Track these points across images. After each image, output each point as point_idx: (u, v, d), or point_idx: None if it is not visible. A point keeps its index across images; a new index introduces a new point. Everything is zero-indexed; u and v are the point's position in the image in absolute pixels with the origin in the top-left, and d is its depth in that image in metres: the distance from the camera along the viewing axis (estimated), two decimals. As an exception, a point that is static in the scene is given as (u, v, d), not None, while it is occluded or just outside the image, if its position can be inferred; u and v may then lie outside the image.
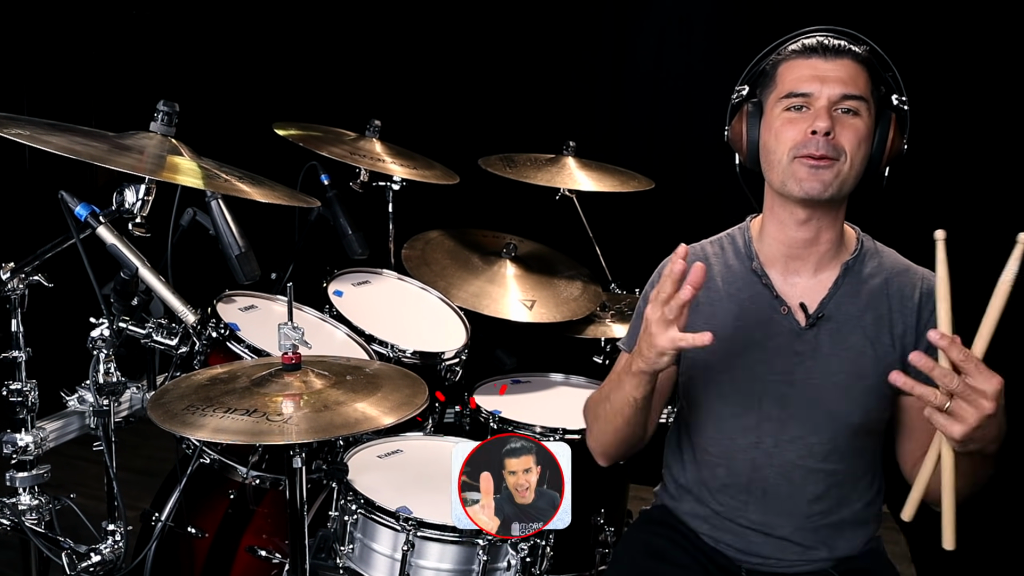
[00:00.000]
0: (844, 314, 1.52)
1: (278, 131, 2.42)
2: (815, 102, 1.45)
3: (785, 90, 1.48)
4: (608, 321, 2.59)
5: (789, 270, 1.55)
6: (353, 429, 1.49)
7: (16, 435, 1.64)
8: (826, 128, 1.42)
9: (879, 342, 1.50)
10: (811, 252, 1.53)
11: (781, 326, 1.53)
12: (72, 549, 1.62)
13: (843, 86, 1.44)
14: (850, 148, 1.44)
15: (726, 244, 1.63)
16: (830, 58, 1.46)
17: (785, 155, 1.46)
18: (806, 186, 1.45)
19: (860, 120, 1.45)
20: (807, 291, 1.54)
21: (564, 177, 2.66)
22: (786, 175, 1.47)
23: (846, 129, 1.44)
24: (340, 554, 1.76)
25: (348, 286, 2.35)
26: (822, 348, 1.51)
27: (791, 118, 1.46)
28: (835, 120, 1.44)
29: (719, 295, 1.58)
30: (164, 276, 1.65)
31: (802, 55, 1.48)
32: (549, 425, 2.15)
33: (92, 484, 1.88)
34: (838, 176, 1.45)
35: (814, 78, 1.45)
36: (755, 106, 1.54)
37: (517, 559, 1.72)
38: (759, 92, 1.55)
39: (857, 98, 1.45)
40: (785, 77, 1.49)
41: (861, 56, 1.47)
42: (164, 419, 1.48)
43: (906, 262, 1.57)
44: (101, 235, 1.59)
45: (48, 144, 1.44)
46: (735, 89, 1.58)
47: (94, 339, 1.66)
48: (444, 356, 2.22)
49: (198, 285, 1.89)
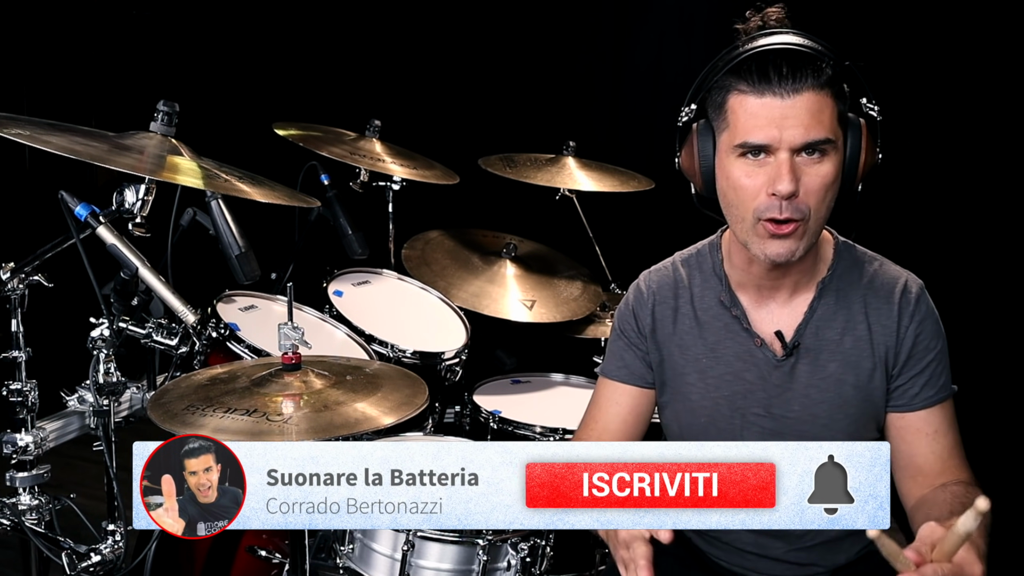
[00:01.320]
0: (822, 340, 1.43)
1: (278, 131, 2.42)
2: (775, 151, 1.28)
3: (738, 138, 1.30)
4: (608, 321, 2.59)
5: (762, 296, 1.46)
6: (353, 429, 1.49)
7: (16, 435, 1.64)
8: (790, 191, 1.27)
9: (860, 368, 1.42)
10: (783, 282, 1.44)
11: (756, 358, 1.45)
12: (72, 549, 1.62)
13: (805, 131, 1.27)
14: (815, 202, 1.30)
15: (702, 264, 1.52)
16: (787, 95, 1.27)
17: (748, 214, 1.32)
18: (770, 253, 1.33)
19: (827, 162, 1.30)
20: (782, 318, 1.45)
21: (564, 177, 2.66)
22: (750, 237, 1.34)
23: (812, 179, 1.29)
24: (340, 554, 1.76)
25: (348, 286, 2.35)
26: (800, 378, 1.44)
27: (749, 170, 1.31)
28: (799, 170, 1.28)
29: (693, 323, 1.50)
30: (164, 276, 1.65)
31: (754, 90, 1.28)
32: (549, 425, 2.15)
33: (92, 484, 1.88)
34: (802, 237, 1.32)
35: (771, 123, 1.27)
36: (706, 129, 1.37)
37: (517, 559, 1.72)
38: (710, 114, 1.37)
39: (824, 142, 1.29)
40: (737, 116, 1.30)
41: (824, 77, 1.28)
42: (164, 419, 1.48)
43: (885, 265, 1.48)
44: (101, 235, 1.59)
45: (48, 144, 1.44)
46: (681, 110, 1.42)
47: (94, 339, 1.66)
48: (444, 356, 2.22)
49: (198, 285, 1.89)
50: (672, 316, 1.51)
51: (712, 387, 1.48)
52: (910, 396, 1.42)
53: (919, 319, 1.42)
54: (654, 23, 3.48)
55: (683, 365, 1.49)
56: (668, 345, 1.51)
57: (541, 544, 1.77)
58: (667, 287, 1.52)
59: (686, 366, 1.49)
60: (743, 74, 1.30)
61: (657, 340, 1.52)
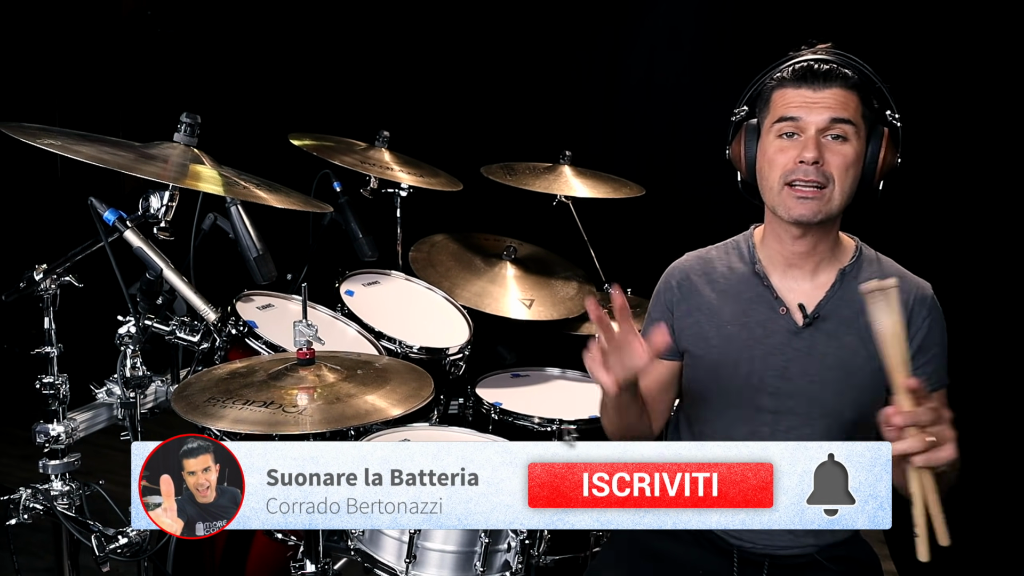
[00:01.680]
0: (839, 316, 1.51)
1: (293, 141, 2.42)
2: (804, 128, 1.44)
3: (777, 115, 1.47)
4: (602, 319, 2.59)
5: (789, 275, 1.55)
6: (363, 420, 1.49)
7: (48, 425, 1.65)
8: (813, 157, 1.42)
9: (872, 343, 1.46)
10: (808, 260, 1.53)
11: (779, 325, 1.53)
12: (101, 532, 1.62)
13: (830, 111, 1.43)
14: (838, 174, 1.44)
15: (730, 248, 1.62)
16: (819, 86, 1.44)
17: (777, 181, 1.47)
18: (795, 213, 1.45)
19: (848, 145, 1.44)
20: (805, 294, 1.54)
21: (561, 184, 2.65)
22: (777, 201, 1.48)
23: (834, 156, 1.44)
24: (351, 536, 1.76)
25: (359, 286, 2.35)
26: (817, 346, 1.51)
27: (782, 146, 1.46)
28: (824, 147, 1.43)
29: (723, 295, 1.58)
30: (187, 277, 1.65)
31: (792, 83, 1.46)
32: (547, 416, 2.14)
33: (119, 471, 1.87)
34: (827, 202, 1.45)
35: (802, 105, 1.44)
36: (753, 127, 1.53)
37: (517, 541, 1.72)
38: (757, 113, 1.53)
39: (845, 122, 1.44)
40: (777, 103, 1.48)
41: (850, 80, 1.45)
42: (187, 410, 1.48)
43: (901, 271, 1.57)
44: (128, 238, 1.60)
45: (78, 153, 1.44)
46: (734, 110, 1.57)
47: (121, 336, 1.67)
48: (449, 352, 2.22)
49: (219, 285, 1.90)
50: (703, 289, 1.59)
51: (734, 350, 1.54)
52: None
53: (931, 319, 1.52)
54: (645, 39, 3.48)
55: (709, 330, 1.56)
56: (696, 313, 1.57)
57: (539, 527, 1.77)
58: (699, 265, 1.61)
59: (711, 330, 1.56)
60: (787, 74, 1.48)
61: (686, 309, 1.59)
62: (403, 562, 1.68)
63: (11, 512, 1.63)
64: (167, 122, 1.73)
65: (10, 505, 1.63)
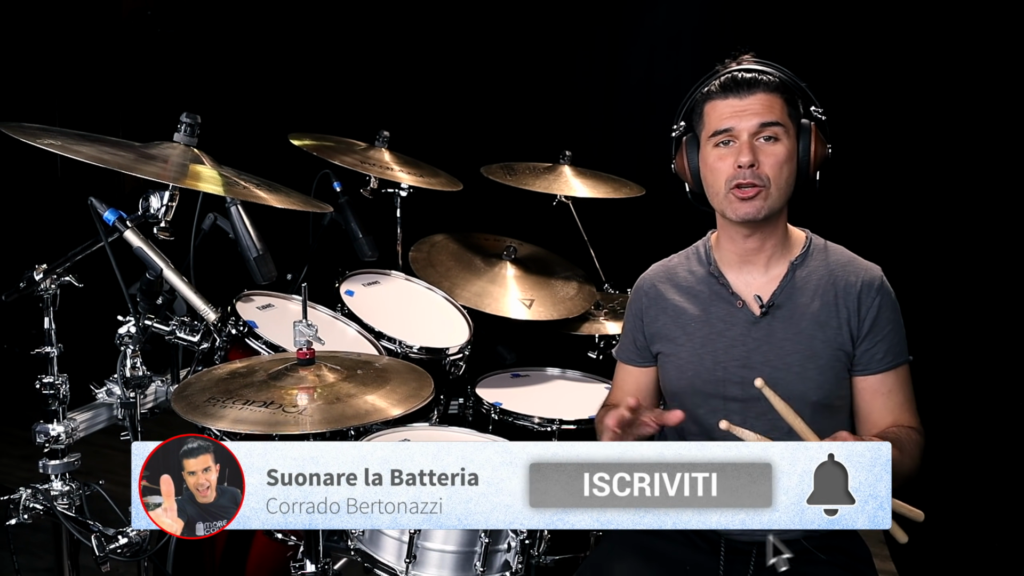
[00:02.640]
0: (794, 303, 1.59)
1: (293, 141, 2.42)
2: (738, 135, 1.54)
3: (711, 128, 1.57)
4: (602, 319, 2.59)
5: (743, 271, 1.64)
6: (364, 420, 1.49)
7: (48, 425, 1.64)
8: (749, 161, 1.52)
9: (827, 326, 1.58)
10: (760, 255, 1.62)
11: (738, 317, 1.61)
12: (101, 532, 1.62)
13: (758, 116, 1.53)
14: (773, 173, 1.53)
15: (691, 254, 1.72)
16: (744, 94, 1.54)
17: (722, 187, 1.56)
18: (740, 213, 1.55)
19: (780, 145, 1.54)
20: (760, 286, 1.62)
21: (560, 184, 2.65)
22: (724, 204, 1.57)
23: (767, 156, 1.53)
24: (351, 536, 1.76)
25: (359, 286, 2.34)
26: (776, 334, 1.59)
27: (720, 154, 1.55)
28: (757, 150, 1.53)
29: (684, 297, 1.67)
30: (187, 277, 1.65)
31: (720, 95, 1.56)
32: (547, 416, 2.14)
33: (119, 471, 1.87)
34: (767, 199, 1.54)
35: (732, 115, 1.54)
36: (693, 139, 1.63)
37: (517, 541, 1.72)
38: (695, 126, 1.63)
39: (773, 124, 1.53)
40: (711, 115, 1.57)
41: (773, 84, 1.55)
42: (187, 410, 1.48)
43: (850, 256, 1.65)
44: (128, 238, 1.59)
45: (78, 153, 1.44)
46: (673, 126, 1.67)
47: (121, 336, 1.66)
48: (449, 352, 2.21)
49: (218, 285, 1.89)
50: (667, 292, 1.69)
51: (699, 345, 1.63)
52: (874, 360, 1.57)
53: (880, 298, 1.59)
54: (644, 41, 3.48)
55: (675, 330, 1.66)
56: (663, 317, 1.68)
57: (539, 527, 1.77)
58: (663, 273, 1.72)
59: (677, 331, 1.66)
60: (715, 88, 1.59)
61: (654, 315, 1.69)
62: (403, 562, 1.68)
63: (11, 512, 1.63)
64: (167, 122, 1.73)
65: (10, 505, 1.63)
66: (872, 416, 1.58)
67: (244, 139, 3.72)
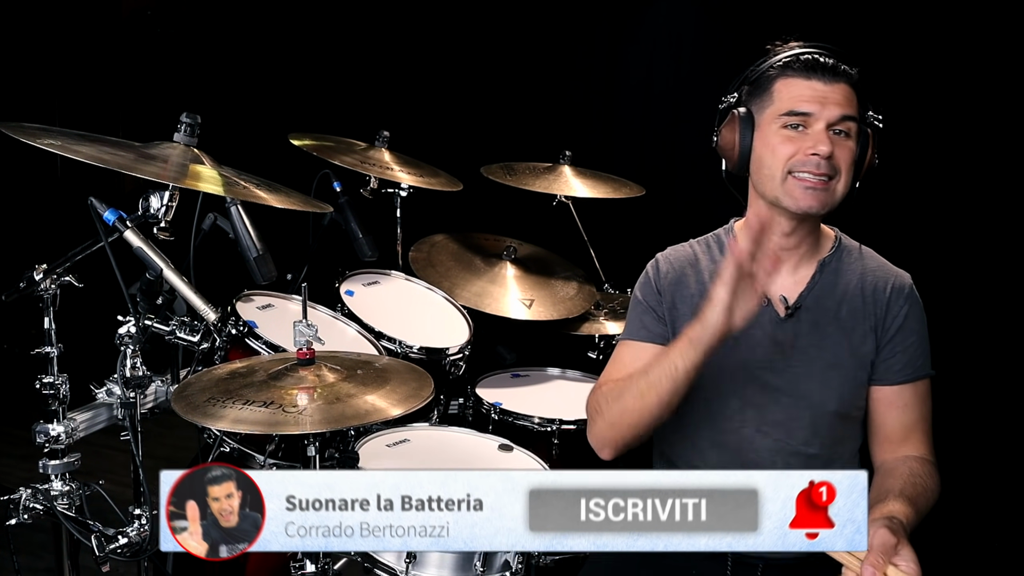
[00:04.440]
0: (821, 307, 1.51)
1: (293, 141, 2.42)
2: (814, 123, 1.43)
3: (784, 108, 1.45)
4: (602, 319, 2.59)
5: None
6: (363, 420, 1.49)
7: (48, 425, 1.64)
8: (829, 151, 1.42)
9: (854, 333, 1.51)
10: (792, 254, 1.53)
11: (762, 317, 1.50)
12: (101, 532, 1.62)
13: (841, 108, 1.44)
14: (844, 168, 1.45)
15: (712, 243, 1.62)
16: (828, 80, 1.44)
17: (780, 171, 1.45)
18: (803, 204, 1.44)
19: (852, 141, 1.45)
20: (787, 286, 1.53)
21: (560, 184, 2.65)
22: (780, 191, 1.46)
23: (842, 150, 1.44)
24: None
25: (359, 286, 2.34)
26: (800, 338, 1.51)
27: (789, 136, 1.45)
28: (832, 141, 1.43)
29: (705, 288, 1.56)
30: (187, 277, 1.65)
31: (801, 74, 1.45)
32: (547, 416, 2.14)
33: (119, 471, 1.88)
34: (833, 195, 1.45)
35: (814, 99, 1.43)
36: (747, 115, 1.49)
37: (517, 541, 1.72)
38: (751, 103, 1.50)
39: (852, 119, 1.45)
40: (783, 94, 1.46)
41: (853, 78, 1.46)
42: (187, 410, 1.48)
43: (881, 260, 1.57)
44: (128, 238, 1.59)
45: (78, 153, 1.44)
46: (723, 97, 1.55)
47: (121, 336, 1.66)
48: (448, 352, 2.21)
49: (218, 285, 1.89)
50: (687, 281, 1.57)
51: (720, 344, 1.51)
52: (891, 371, 1.50)
53: (908, 306, 1.51)
54: (645, 41, 3.48)
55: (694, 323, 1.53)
56: (681, 306, 1.56)
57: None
58: (683, 259, 1.60)
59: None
60: (791, 64, 1.46)
61: (672, 301, 1.57)
62: (403, 562, 1.68)
63: (11, 512, 1.62)
64: (167, 122, 1.73)
65: (10, 505, 1.62)
66: (884, 428, 1.51)
67: (244, 139, 3.72)
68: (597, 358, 2.51)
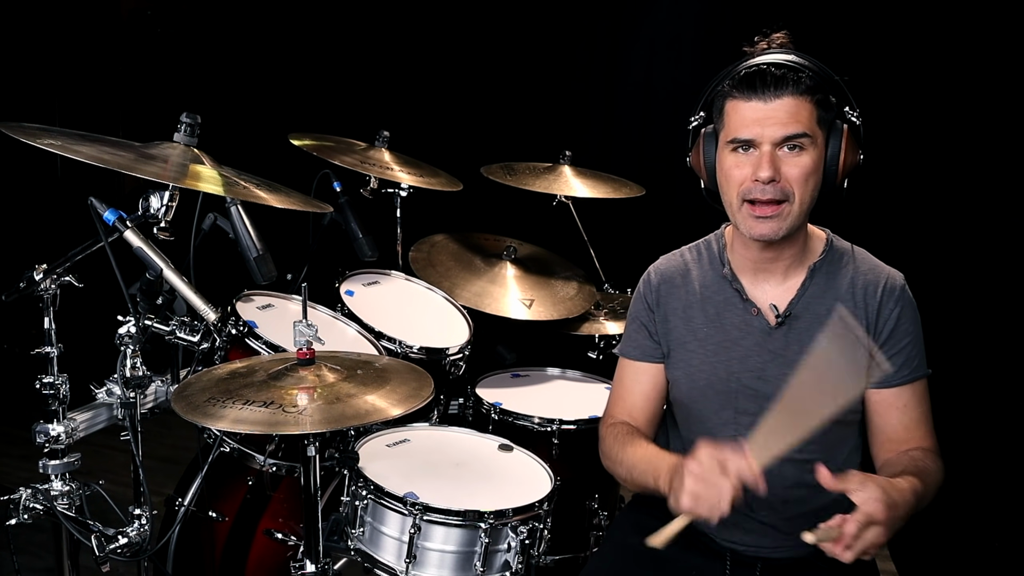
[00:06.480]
0: (812, 313, 1.50)
1: (293, 141, 2.42)
2: (759, 145, 1.40)
3: (730, 134, 1.43)
4: (602, 319, 2.59)
5: (759, 278, 1.54)
6: (363, 420, 1.49)
7: (48, 425, 1.64)
8: (769, 176, 1.38)
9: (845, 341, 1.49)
10: (777, 265, 1.53)
11: (753, 326, 1.52)
12: (101, 532, 1.62)
13: (783, 128, 1.38)
14: (797, 187, 1.40)
15: (703, 250, 1.62)
16: (769, 97, 1.39)
17: (735, 197, 1.44)
18: (755, 232, 1.44)
19: (806, 154, 1.40)
20: (777, 294, 1.53)
21: (561, 184, 2.65)
22: (738, 218, 1.46)
23: (792, 168, 1.40)
24: (351, 537, 1.76)
25: (359, 286, 2.34)
26: (792, 345, 1.50)
27: (738, 161, 1.43)
28: (780, 161, 1.39)
29: (696, 298, 1.58)
30: (187, 277, 1.65)
31: (743, 95, 1.41)
32: (547, 416, 2.14)
33: (119, 471, 1.88)
34: (786, 218, 1.42)
35: (755, 122, 1.39)
36: (711, 134, 1.49)
37: (517, 541, 1.72)
38: (716, 120, 1.49)
39: (799, 136, 1.39)
40: (731, 118, 1.43)
41: (802, 85, 1.39)
42: (187, 410, 1.48)
43: (873, 261, 1.55)
44: (128, 238, 1.59)
45: (78, 153, 1.44)
46: (691, 118, 1.53)
47: (121, 336, 1.66)
48: (449, 352, 2.21)
49: (219, 285, 1.89)
50: (678, 292, 1.59)
51: (711, 353, 1.54)
52: (888, 374, 1.49)
53: (900, 306, 1.50)
54: (644, 42, 3.48)
55: (686, 334, 1.57)
56: (673, 318, 1.59)
57: (539, 527, 1.77)
58: (674, 269, 1.62)
59: (687, 335, 1.57)
60: (737, 85, 1.43)
61: (664, 314, 1.60)
62: (403, 562, 1.68)
63: (11, 512, 1.62)
64: (167, 122, 1.73)
65: (10, 505, 1.62)
66: (886, 430, 1.50)
67: (244, 139, 3.72)
68: (597, 358, 2.51)
